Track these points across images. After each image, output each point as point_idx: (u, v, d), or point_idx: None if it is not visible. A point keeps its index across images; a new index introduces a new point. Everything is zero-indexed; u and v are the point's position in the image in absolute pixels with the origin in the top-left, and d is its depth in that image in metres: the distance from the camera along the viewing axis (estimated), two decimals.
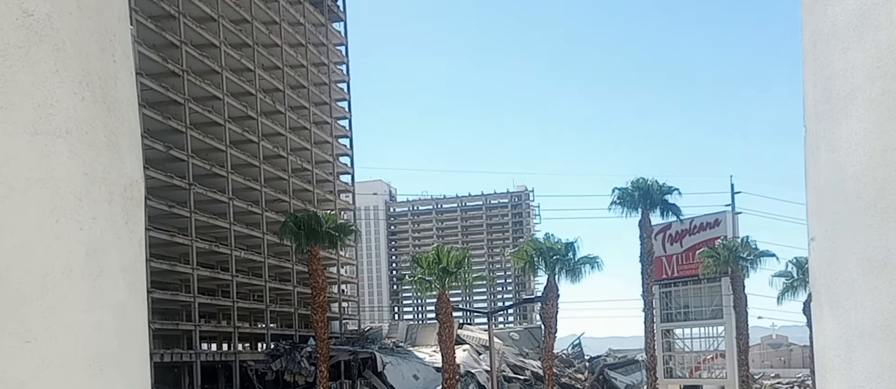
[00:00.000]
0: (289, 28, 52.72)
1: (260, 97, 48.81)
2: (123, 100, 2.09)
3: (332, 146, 58.72)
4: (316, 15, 56.40)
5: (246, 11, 47.40)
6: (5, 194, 1.68)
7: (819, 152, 3.02)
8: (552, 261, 37.28)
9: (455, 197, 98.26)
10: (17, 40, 1.73)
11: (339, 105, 60.00)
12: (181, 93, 41.31)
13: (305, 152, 54.48)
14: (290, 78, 52.70)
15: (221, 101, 44.82)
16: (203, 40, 43.40)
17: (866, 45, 2.53)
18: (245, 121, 47.50)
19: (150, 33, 38.85)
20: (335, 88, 59.41)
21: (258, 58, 48.68)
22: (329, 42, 58.42)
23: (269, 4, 50.56)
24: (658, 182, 41.41)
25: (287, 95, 52.10)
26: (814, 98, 3.00)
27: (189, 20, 42.03)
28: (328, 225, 38.50)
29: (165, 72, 40.07)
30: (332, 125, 58.61)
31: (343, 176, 61.17)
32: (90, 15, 1.92)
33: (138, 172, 2.19)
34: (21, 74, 1.74)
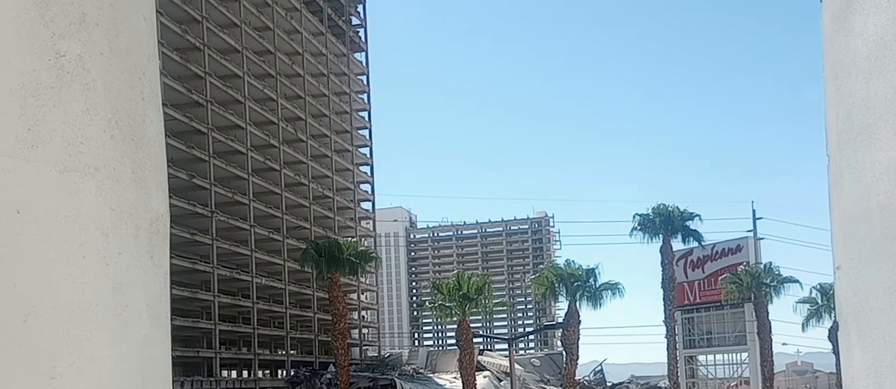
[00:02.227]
0: (311, 59, 53.33)
1: (282, 126, 49.29)
2: (151, 137, 2.13)
3: (353, 173, 59.04)
4: (338, 46, 57.03)
5: (269, 43, 48.05)
6: (33, 231, 1.71)
7: (843, 181, 3.01)
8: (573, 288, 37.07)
9: (475, 223, 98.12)
10: (49, 80, 1.78)
11: (359, 133, 60.41)
12: (205, 122, 41.84)
13: (326, 180, 54.81)
14: (311, 107, 53.21)
15: (244, 130, 45.31)
16: (227, 71, 44.03)
17: (888, 76, 2.53)
18: (267, 150, 47.94)
19: (176, 65, 39.49)
20: (356, 117, 59.87)
21: (281, 87, 49.26)
22: (350, 72, 58.99)
23: (292, 36, 51.22)
24: (679, 208, 41.27)
25: (309, 124, 52.56)
26: (836, 127, 2.99)
27: (214, 52, 42.68)
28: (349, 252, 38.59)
29: (190, 102, 40.65)
30: (353, 153, 58.97)
31: (364, 203, 61.41)
32: (120, 55, 1.97)
33: (164, 207, 2.22)
34: (52, 114, 1.78)
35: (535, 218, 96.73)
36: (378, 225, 66.36)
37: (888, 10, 2.47)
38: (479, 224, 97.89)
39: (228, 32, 44.10)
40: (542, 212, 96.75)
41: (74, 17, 1.83)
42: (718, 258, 46.33)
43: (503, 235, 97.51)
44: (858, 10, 2.61)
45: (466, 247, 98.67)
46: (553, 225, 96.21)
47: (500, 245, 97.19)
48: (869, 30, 2.60)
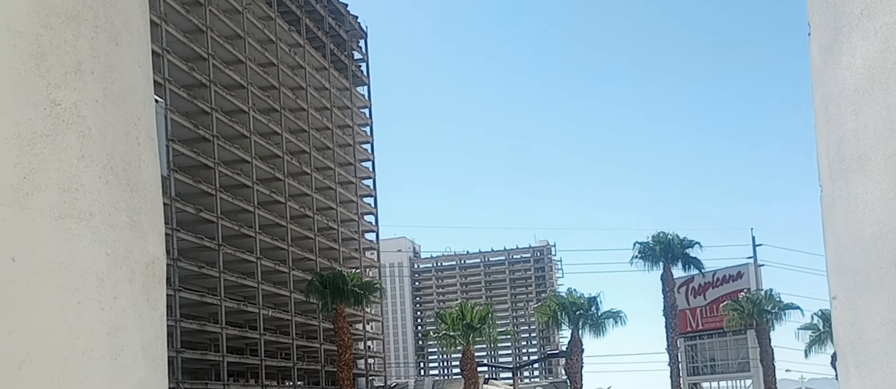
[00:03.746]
0: (315, 93, 53.79)
1: (287, 159, 49.56)
2: (146, 181, 2.15)
3: (357, 205, 59.18)
4: (341, 80, 57.51)
5: (274, 79, 48.51)
6: (28, 279, 1.72)
7: (836, 211, 3.02)
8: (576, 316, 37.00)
9: (478, 252, 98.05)
10: (45, 129, 1.80)
11: (363, 165, 60.68)
12: (211, 157, 42.11)
13: (331, 211, 54.96)
14: (316, 140, 53.52)
15: (250, 164, 45.58)
16: (233, 107, 44.42)
17: (877, 108, 2.55)
18: (273, 183, 48.16)
19: (183, 101, 39.85)
20: (360, 149, 60.17)
21: (285, 122, 49.63)
22: (353, 105, 59.41)
23: (296, 72, 51.72)
24: (679, 236, 41.38)
25: (313, 157, 52.83)
26: (828, 158, 3.01)
27: (220, 88, 43.10)
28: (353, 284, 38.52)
29: (196, 137, 40.96)
30: (357, 184, 59.18)
31: (368, 234, 61.48)
32: (116, 101, 1.99)
33: (160, 250, 2.23)
34: (47, 161, 1.79)
35: (537, 247, 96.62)
36: (382, 255, 66.34)
37: (875, 43, 2.50)
38: (482, 253, 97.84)
39: (234, 69, 44.55)
40: (544, 241, 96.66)
41: (70, 66, 1.85)
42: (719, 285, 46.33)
43: (506, 264, 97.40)
44: (845, 43, 2.64)
45: (470, 276, 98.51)
46: (555, 254, 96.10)
47: (502, 273, 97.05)
48: (856, 63, 2.63)
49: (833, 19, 2.66)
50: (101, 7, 1.90)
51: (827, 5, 2.68)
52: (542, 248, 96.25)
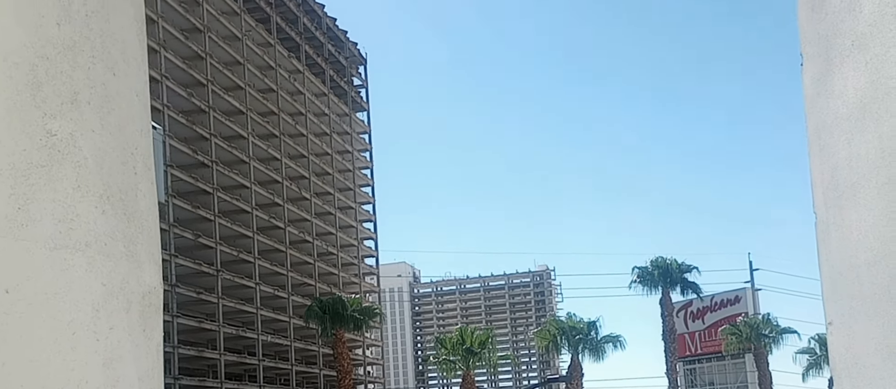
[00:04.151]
0: (314, 119, 53.97)
1: (286, 185, 49.59)
2: (143, 211, 2.15)
3: (357, 230, 59.14)
4: (340, 106, 57.74)
5: (273, 105, 48.68)
6: (22, 310, 1.71)
7: (830, 238, 3.03)
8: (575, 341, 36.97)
9: (478, 277, 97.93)
10: (40, 160, 1.79)
11: (363, 190, 60.73)
12: (210, 182, 42.12)
13: (331, 237, 54.89)
14: (315, 165, 53.60)
15: (249, 190, 45.60)
16: (232, 132, 44.52)
17: (869, 137, 2.57)
18: (272, 208, 48.14)
19: (182, 127, 39.94)
20: (359, 174, 60.26)
21: (285, 147, 49.73)
22: (353, 131, 59.59)
23: (296, 98, 51.92)
24: (677, 261, 41.61)
25: (312, 182, 52.88)
26: (822, 185, 3.03)
27: (219, 114, 43.22)
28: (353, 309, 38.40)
29: (195, 163, 41.00)
30: (357, 210, 59.18)
31: (368, 259, 61.39)
32: (112, 131, 1.99)
33: (157, 279, 2.23)
34: (43, 192, 1.78)
35: (537, 272, 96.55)
36: (382, 280, 66.19)
37: (865, 74, 2.53)
38: (482, 277, 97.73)
39: (233, 95, 44.71)
40: (544, 265, 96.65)
41: (66, 96, 1.86)
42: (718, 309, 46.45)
43: (506, 288, 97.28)
44: (837, 73, 2.67)
45: (470, 301, 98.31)
46: (554, 278, 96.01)
47: (502, 298, 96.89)
48: (848, 93, 2.65)
49: (825, 51, 2.69)
50: (98, 37, 1.92)
51: (818, 37, 2.72)
52: (542, 273, 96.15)
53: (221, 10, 45.27)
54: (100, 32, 1.91)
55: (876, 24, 2.43)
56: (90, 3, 1.87)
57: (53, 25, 1.80)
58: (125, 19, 2.00)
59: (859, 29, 2.51)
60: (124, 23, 1.99)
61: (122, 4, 1.98)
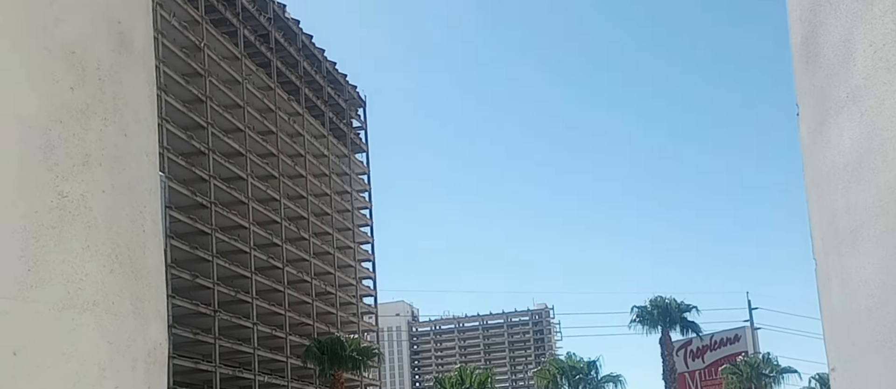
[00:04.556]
0: (313, 160, 54.15)
1: (285, 225, 49.57)
2: (151, 268, 2.17)
3: (356, 269, 59.00)
4: (339, 147, 58.00)
5: (272, 146, 48.88)
6: (29, 372, 1.71)
7: (831, 285, 3.05)
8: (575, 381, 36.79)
9: (476, 315, 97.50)
10: (51, 221, 1.80)
11: (361, 230, 60.70)
12: (209, 223, 42.08)
13: (329, 276, 54.72)
14: (314, 206, 53.64)
15: (248, 230, 45.55)
16: (231, 174, 44.62)
17: (866, 186, 2.60)
18: (270, 249, 48.04)
19: (181, 169, 40.03)
20: (358, 214, 60.30)
21: (284, 188, 49.80)
22: (352, 171, 59.76)
23: (295, 139, 52.17)
24: (676, 300, 41.66)
25: (311, 222, 52.87)
26: (821, 232, 3.06)
27: (218, 156, 43.36)
28: (351, 349, 38.12)
29: (194, 204, 41.00)
30: (355, 249, 59.10)
31: (366, 298, 61.15)
32: (123, 191, 2.01)
33: (162, 335, 2.24)
34: (52, 253, 1.80)
35: (536, 310, 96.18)
36: (381, 319, 65.88)
37: (861, 126, 2.57)
38: (481, 316, 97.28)
39: (233, 137, 44.89)
40: (543, 304, 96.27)
41: (78, 158, 1.88)
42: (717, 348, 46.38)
43: (504, 327, 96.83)
44: (833, 124, 2.71)
45: (468, 340, 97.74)
46: (553, 317, 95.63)
47: (501, 337, 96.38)
48: (844, 143, 2.69)
49: (820, 102, 2.74)
50: (111, 100, 1.95)
51: (814, 88, 2.76)
52: (541, 311, 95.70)
53: (222, 55, 45.68)
54: (112, 95, 1.94)
55: (870, 77, 2.47)
56: (104, 68, 1.91)
57: (68, 89, 1.83)
58: (137, 81, 2.04)
59: (854, 81, 2.56)
60: (136, 85, 2.03)
61: (134, 67, 2.02)
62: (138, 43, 2.02)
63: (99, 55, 1.89)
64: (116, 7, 1.91)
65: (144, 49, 2.07)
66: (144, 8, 2.07)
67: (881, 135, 2.47)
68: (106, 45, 1.90)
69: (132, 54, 1.99)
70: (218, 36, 43.77)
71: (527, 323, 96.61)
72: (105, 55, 1.90)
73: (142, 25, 2.05)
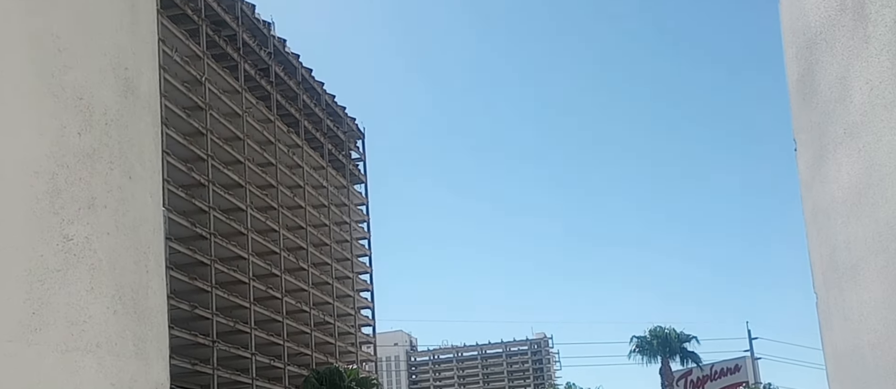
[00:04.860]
0: (312, 191, 54.31)
1: (284, 255, 49.54)
2: (153, 308, 2.18)
3: (354, 299, 58.87)
4: (338, 178, 58.21)
5: (272, 178, 49.07)
6: None
7: (832, 319, 3.06)
8: None
9: (475, 345, 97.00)
10: (56, 264, 1.82)
11: (360, 260, 60.68)
12: (208, 254, 42.07)
13: (327, 306, 54.58)
14: (313, 236, 53.67)
15: (246, 261, 45.52)
16: (230, 205, 44.71)
17: (865, 221, 2.62)
18: (269, 279, 47.96)
19: (181, 201, 40.13)
20: (356, 245, 60.28)
21: (282, 219, 49.88)
22: (351, 202, 59.87)
23: (294, 171, 52.38)
24: (675, 330, 41.50)
25: (310, 253, 52.84)
26: (821, 266, 3.07)
27: (218, 187, 43.49)
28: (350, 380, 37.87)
29: (193, 235, 41.04)
30: (354, 279, 59.01)
31: (365, 328, 61.00)
32: (127, 232, 2.03)
33: (164, 375, 2.25)
34: (57, 296, 1.81)
35: (535, 339, 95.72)
36: (379, 349, 65.57)
37: (859, 161, 2.59)
38: (479, 345, 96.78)
39: (232, 169, 45.06)
40: (542, 333, 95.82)
41: (83, 201, 1.90)
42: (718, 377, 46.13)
43: (503, 356, 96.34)
44: (831, 159, 2.74)
45: (467, 369, 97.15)
46: (552, 346, 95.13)
47: (500, 366, 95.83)
48: (843, 178, 2.71)
49: (818, 137, 2.76)
50: (116, 144, 1.97)
51: (811, 124, 2.79)
52: (540, 341, 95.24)
53: (223, 88, 46.03)
54: (118, 139, 1.96)
55: (867, 114, 2.50)
56: (110, 112, 1.93)
57: (75, 135, 1.86)
58: (142, 124, 2.06)
59: (851, 118, 2.59)
60: (141, 128, 2.06)
61: (140, 111, 2.05)
62: (144, 87, 2.05)
63: (106, 100, 1.92)
64: (124, 53, 1.94)
65: (150, 93, 2.10)
66: (150, 53, 2.10)
67: (880, 171, 2.49)
68: (113, 90, 1.93)
69: (138, 98, 2.02)
70: (219, 70, 44.15)
71: (526, 353, 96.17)
72: (112, 100, 1.93)
73: (148, 70, 2.08)
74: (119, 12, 1.96)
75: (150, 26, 2.12)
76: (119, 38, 1.95)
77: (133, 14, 2.01)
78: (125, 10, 1.97)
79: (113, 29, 1.94)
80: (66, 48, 1.82)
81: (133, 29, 2.00)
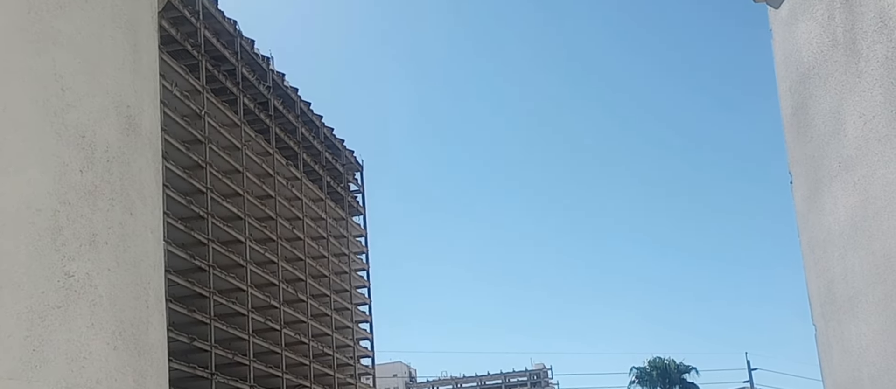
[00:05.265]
0: (311, 223, 54.19)
1: (283, 287, 49.30)
2: (153, 343, 2.17)
3: (353, 331, 58.47)
4: (337, 210, 58.17)
5: (271, 210, 48.99)
6: None
7: (831, 351, 3.05)
8: None
9: (474, 376, 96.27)
10: (57, 301, 1.82)
11: (359, 292, 60.38)
12: (207, 286, 41.85)
13: (326, 338, 54.18)
14: (311, 268, 53.46)
15: (245, 293, 45.28)
16: (229, 237, 44.57)
17: (862, 254, 2.63)
18: (268, 311, 47.65)
19: (180, 234, 39.99)
20: (355, 276, 60.05)
21: (281, 251, 49.71)
22: (350, 234, 59.72)
23: (293, 203, 52.33)
24: (675, 361, 41.25)
25: (309, 284, 52.58)
26: (819, 298, 3.07)
27: (217, 220, 43.38)
28: None
29: (192, 268, 40.82)
30: (353, 311, 58.66)
31: (363, 359, 60.44)
32: (127, 268, 2.03)
33: None
34: (57, 333, 1.81)
35: (534, 370, 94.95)
36: (378, 380, 64.86)
37: (855, 194, 2.61)
38: (478, 377, 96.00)
39: (232, 202, 44.97)
40: (541, 364, 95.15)
41: (85, 238, 1.91)
42: None
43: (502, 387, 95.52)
44: (827, 192, 2.76)
45: None
46: (552, 377, 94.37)
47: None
48: (839, 211, 2.73)
49: (813, 171, 2.79)
50: (118, 181, 1.98)
51: (806, 158, 2.82)
52: (539, 372, 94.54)
53: (222, 122, 46.17)
54: (120, 176, 1.98)
55: (861, 148, 2.53)
56: (112, 150, 1.95)
57: (76, 172, 1.87)
58: (144, 161, 2.08)
59: (845, 151, 2.61)
60: (143, 164, 2.07)
61: (141, 148, 2.06)
62: (146, 124, 2.07)
63: (108, 138, 1.93)
64: (126, 92, 1.97)
65: (151, 130, 2.12)
66: (152, 92, 2.12)
67: (875, 204, 2.51)
68: (115, 128, 1.95)
69: (140, 136, 2.04)
70: (218, 104, 44.33)
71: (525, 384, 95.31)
72: (114, 138, 1.95)
73: (149, 108, 2.10)
74: (122, 52, 1.98)
75: (152, 65, 2.14)
76: (121, 77, 1.97)
77: (135, 54, 2.03)
78: (128, 50, 2.00)
79: (115, 68, 1.96)
80: (70, 88, 1.85)
81: (135, 68, 2.03)
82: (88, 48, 1.91)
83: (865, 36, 2.33)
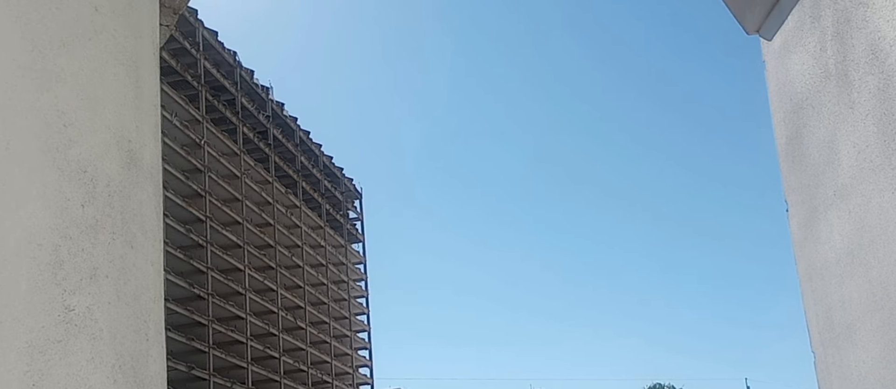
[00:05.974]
0: (310, 250, 54.24)
1: (282, 315, 49.22)
2: (153, 376, 2.17)
3: (352, 358, 58.31)
4: (336, 238, 58.24)
5: (270, 238, 49.05)
6: None
7: (831, 378, 3.05)
8: None
9: None
10: (57, 335, 1.82)
11: (358, 318, 60.31)
12: (206, 315, 41.78)
13: (325, 365, 54.04)
14: (310, 295, 53.39)
15: (244, 321, 45.18)
16: (229, 265, 44.56)
17: (859, 282, 2.64)
18: (267, 339, 47.54)
19: (179, 262, 40.00)
20: (354, 303, 59.99)
21: (281, 278, 49.68)
22: (348, 261, 59.74)
23: (292, 231, 52.39)
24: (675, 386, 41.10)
25: (308, 312, 52.52)
26: (817, 326, 3.08)
27: (216, 248, 43.40)
28: None
29: (191, 296, 40.78)
30: (352, 338, 58.54)
31: (362, 386, 60.33)
32: (128, 302, 2.04)
33: None
34: (57, 367, 1.81)
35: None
36: None
37: (850, 222, 2.62)
38: None
39: (231, 230, 45.06)
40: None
41: (86, 272, 1.92)
42: None
43: None
44: (823, 220, 2.77)
45: None
46: None
47: None
48: (835, 239, 2.74)
49: (809, 199, 2.81)
50: (119, 215, 2.00)
51: (801, 186, 2.84)
52: None
53: (222, 151, 46.40)
54: (121, 210, 1.99)
55: (856, 177, 2.55)
56: (113, 184, 1.97)
57: (78, 207, 1.89)
58: (144, 195, 2.09)
59: (840, 180, 2.63)
60: (143, 198, 2.09)
61: (142, 182, 2.08)
62: (147, 158, 2.10)
63: (109, 172, 1.95)
64: (127, 127, 1.99)
65: (152, 164, 2.14)
66: (153, 126, 2.15)
67: (870, 233, 2.52)
68: (116, 162, 1.97)
69: (141, 169, 2.06)
70: (218, 133, 44.62)
71: None
72: (115, 172, 1.97)
73: (150, 142, 2.13)
74: (123, 88, 2.01)
75: (154, 100, 2.17)
76: (123, 112, 2.00)
77: (137, 89, 2.06)
78: (129, 86, 2.03)
79: (117, 104, 1.99)
80: (72, 124, 1.87)
81: (137, 103, 2.05)
82: (91, 85, 1.94)
83: (857, 67, 2.36)
